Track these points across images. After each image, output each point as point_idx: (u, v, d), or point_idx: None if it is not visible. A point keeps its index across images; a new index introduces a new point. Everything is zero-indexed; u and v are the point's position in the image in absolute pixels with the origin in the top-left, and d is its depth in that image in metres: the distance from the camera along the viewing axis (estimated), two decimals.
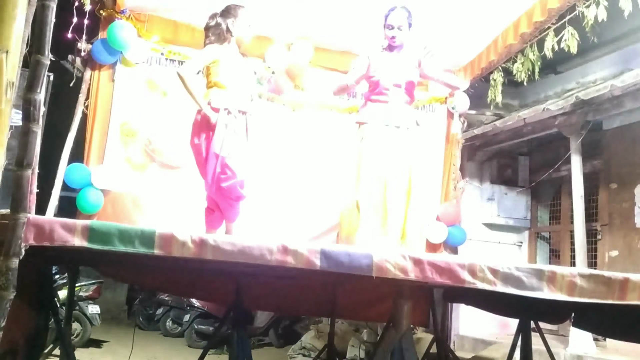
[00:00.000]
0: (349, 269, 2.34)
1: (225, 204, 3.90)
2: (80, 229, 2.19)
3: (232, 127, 3.79)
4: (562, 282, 2.48)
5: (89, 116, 5.56)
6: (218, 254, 2.21)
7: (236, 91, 3.87)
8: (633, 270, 5.51)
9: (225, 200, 3.87)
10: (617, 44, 6.10)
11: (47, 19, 2.09)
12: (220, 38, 3.94)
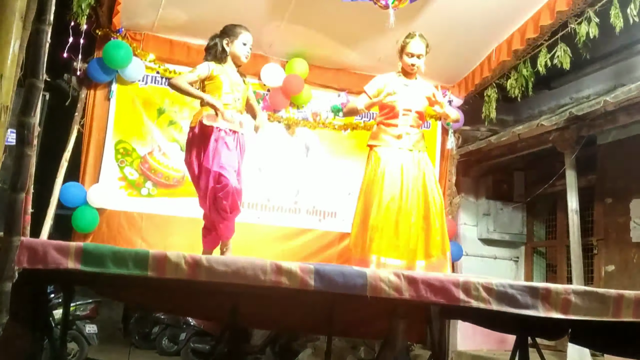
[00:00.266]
0: (343, 288, 2.34)
1: (220, 219, 3.88)
2: (73, 251, 2.18)
3: (224, 143, 3.79)
4: (556, 299, 2.49)
5: (84, 135, 5.58)
6: (212, 275, 2.21)
7: (230, 109, 3.88)
8: (630, 285, 5.52)
9: (220, 215, 3.85)
10: (610, 60, 6.15)
11: (41, 42, 2.11)
12: (216, 58, 3.97)
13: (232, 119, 3.88)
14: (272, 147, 6.14)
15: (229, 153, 3.81)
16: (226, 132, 3.85)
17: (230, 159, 3.80)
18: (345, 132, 6.40)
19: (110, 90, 5.65)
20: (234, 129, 3.90)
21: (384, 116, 4.20)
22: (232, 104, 3.91)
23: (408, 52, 4.14)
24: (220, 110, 3.77)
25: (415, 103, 4.16)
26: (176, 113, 5.81)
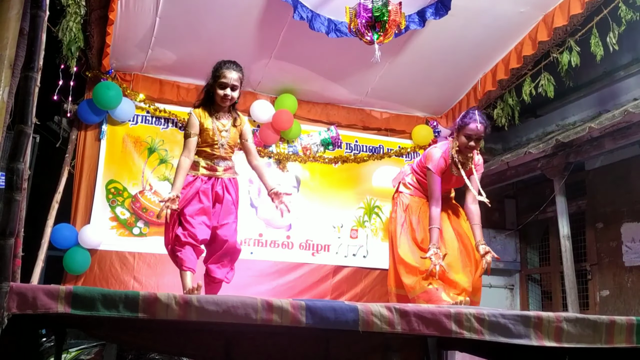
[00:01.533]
0: (335, 324, 2.33)
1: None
2: (63, 295, 2.17)
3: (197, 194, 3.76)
4: (548, 327, 2.49)
5: (75, 176, 5.59)
6: (202, 315, 2.20)
7: (213, 161, 3.88)
8: (625, 310, 5.52)
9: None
10: (593, 87, 6.25)
11: (30, 89, 2.14)
12: (206, 101, 3.88)
13: (214, 166, 3.85)
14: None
15: (200, 206, 3.73)
16: (205, 182, 3.80)
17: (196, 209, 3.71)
18: (336, 165, 6.44)
19: (101, 130, 5.68)
20: (218, 175, 3.86)
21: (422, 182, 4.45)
22: (215, 152, 3.84)
23: (466, 133, 4.19)
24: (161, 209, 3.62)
25: (457, 182, 4.41)
26: (167, 152, 5.84)
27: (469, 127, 4.17)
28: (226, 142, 3.85)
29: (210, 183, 3.84)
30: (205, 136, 3.80)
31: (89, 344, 6.94)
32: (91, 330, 3.80)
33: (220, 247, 3.81)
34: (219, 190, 3.83)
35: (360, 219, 6.40)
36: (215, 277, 3.86)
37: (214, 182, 3.85)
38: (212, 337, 3.65)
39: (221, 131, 3.82)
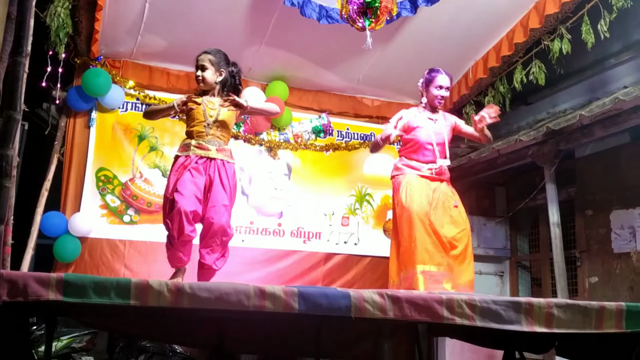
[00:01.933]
0: (327, 310, 2.33)
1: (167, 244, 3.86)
2: (54, 282, 2.16)
3: (189, 170, 3.76)
4: (539, 313, 2.51)
5: (65, 163, 5.55)
6: (195, 302, 2.19)
7: (205, 139, 3.87)
8: (613, 296, 5.57)
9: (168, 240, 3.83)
10: (584, 75, 6.26)
11: (18, 75, 2.11)
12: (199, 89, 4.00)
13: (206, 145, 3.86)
14: (254, 170, 6.15)
15: (190, 179, 3.74)
16: (197, 162, 3.81)
17: (189, 184, 3.73)
18: (328, 153, 6.43)
19: (90, 118, 5.63)
20: (209, 156, 3.85)
21: (408, 150, 4.28)
22: (205, 131, 3.87)
23: (437, 85, 4.27)
24: (175, 105, 3.84)
25: (441, 135, 4.26)
26: (157, 139, 5.81)
27: (438, 78, 4.28)
28: (215, 121, 3.89)
29: (202, 164, 3.82)
30: (194, 114, 3.87)
31: (80, 332, 6.92)
32: (82, 318, 3.80)
33: (208, 230, 3.79)
34: (211, 174, 3.82)
35: (352, 207, 6.41)
36: (204, 263, 3.84)
37: (207, 164, 3.83)
38: (203, 324, 3.65)
39: (210, 109, 3.89)
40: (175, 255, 3.84)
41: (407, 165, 4.21)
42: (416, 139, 4.20)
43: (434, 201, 4.13)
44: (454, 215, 4.17)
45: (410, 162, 4.22)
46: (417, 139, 4.20)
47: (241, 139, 6.15)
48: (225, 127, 3.97)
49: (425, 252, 3.95)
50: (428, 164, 4.20)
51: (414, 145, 4.23)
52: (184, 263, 3.88)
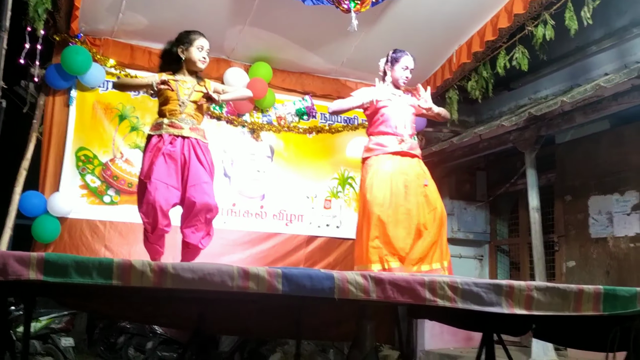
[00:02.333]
0: (311, 291, 2.34)
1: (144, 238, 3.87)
2: (35, 262, 2.13)
3: (162, 154, 3.72)
4: (519, 296, 2.54)
5: (43, 142, 5.46)
6: (178, 282, 2.18)
7: (178, 117, 3.83)
8: (589, 280, 5.68)
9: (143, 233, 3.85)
10: (566, 61, 6.32)
11: None
12: (171, 66, 3.93)
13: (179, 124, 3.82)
14: (237, 152, 6.12)
15: (164, 165, 3.71)
16: (171, 142, 3.77)
17: (163, 172, 3.69)
18: (311, 136, 6.42)
19: (70, 96, 5.54)
20: (182, 134, 3.81)
21: (376, 125, 4.23)
22: (179, 109, 3.82)
23: (403, 65, 4.26)
24: (154, 83, 3.79)
25: (406, 111, 4.23)
26: (138, 119, 5.74)
27: (404, 59, 4.27)
28: (189, 100, 3.86)
29: (177, 145, 3.78)
30: (168, 92, 3.83)
31: (59, 312, 6.89)
32: (62, 299, 3.77)
33: (190, 209, 3.76)
34: (185, 153, 3.78)
35: (334, 190, 6.42)
36: (189, 242, 3.82)
37: (182, 144, 3.79)
38: (185, 306, 3.65)
39: (184, 88, 3.86)
40: (152, 248, 3.84)
41: (377, 144, 4.15)
42: (382, 113, 4.18)
43: (405, 186, 4.07)
44: (428, 194, 4.14)
45: (379, 140, 4.16)
46: (383, 113, 4.17)
47: (223, 120, 6.11)
48: (199, 107, 3.94)
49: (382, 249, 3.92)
50: (397, 137, 4.14)
51: (381, 119, 4.19)
52: (161, 254, 3.89)
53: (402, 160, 4.12)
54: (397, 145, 4.11)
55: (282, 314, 4.35)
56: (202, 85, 3.94)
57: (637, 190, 5.55)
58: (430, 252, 4.06)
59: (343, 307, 4.06)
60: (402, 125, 4.16)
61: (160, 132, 3.79)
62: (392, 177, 4.04)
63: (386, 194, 3.99)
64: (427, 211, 4.10)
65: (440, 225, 4.11)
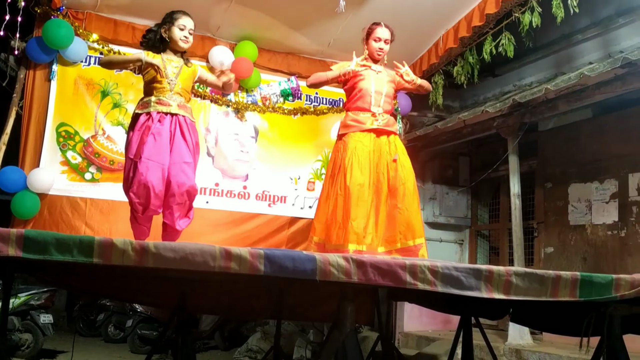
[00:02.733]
0: (293, 273, 2.34)
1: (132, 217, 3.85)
2: (14, 238, 2.10)
3: (151, 133, 3.70)
4: (498, 281, 2.57)
5: (23, 117, 5.37)
6: (159, 261, 2.17)
7: (166, 95, 3.80)
8: (567, 266, 5.78)
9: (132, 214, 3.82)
10: (551, 49, 6.36)
11: None
12: (154, 47, 3.90)
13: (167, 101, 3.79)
14: (221, 131, 6.08)
15: (154, 145, 3.68)
16: (160, 120, 3.74)
17: (153, 150, 3.66)
18: (295, 117, 6.39)
19: (51, 70, 5.43)
20: (170, 111, 3.78)
21: (353, 101, 4.20)
22: (168, 87, 3.81)
23: (376, 37, 4.20)
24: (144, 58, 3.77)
25: (384, 86, 4.18)
26: (121, 96, 5.66)
27: (377, 31, 4.22)
28: (177, 78, 3.84)
29: (165, 123, 3.75)
30: (155, 71, 3.80)
31: (38, 289, 6.86)
32: (41, 276, 3.74)
33: (167, 188, 3.74)
34: (172, 130, 3.76)
35: (318, 172, 6.42)
36: (166, 223, 3.81)
37: (170, 121, 3.77)
38: (166, 285, 3.64)
39: (171, 67, 3.85)
40: (140, 229, 3.81)
41: (353, 120, 4.12)
42: (359, 87, 4.15)
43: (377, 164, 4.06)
44: (398, 170, 4.11)
45: (355, 116, 4.13)
46: (360, 87, 4.15)
47: (208, 99, 6.05)
48: (186, 86, 3.94)
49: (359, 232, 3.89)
50: (372, 114, 4.11)
51: (358, 94, 4.16)
52: (147, 235, 3.86)
53: (377, 139, 4.11)
54: (374, 122, 4.10)
55: (263, 294, 4.37)
56: (190, 67, 3.96)
57: (616, 179, 5.64)
58: (399, 230, 4.05)
59: (324, 289, 4.09)
60: (379, 101, 4.14)
61: (149, 109, 3.76)
62: (368, 156, 4.04)
63: (365, 174, 3.99)
64: (396, 187, 4.08)
65: (410, 202, 4.07)
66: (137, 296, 4.58)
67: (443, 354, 5.51)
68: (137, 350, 7.78)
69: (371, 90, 4.13)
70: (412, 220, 4.05)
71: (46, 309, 7.01)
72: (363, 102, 4.14)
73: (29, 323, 6.80)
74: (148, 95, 3.83)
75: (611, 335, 2.86)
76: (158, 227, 3.94)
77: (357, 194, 3.95)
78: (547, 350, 5.11)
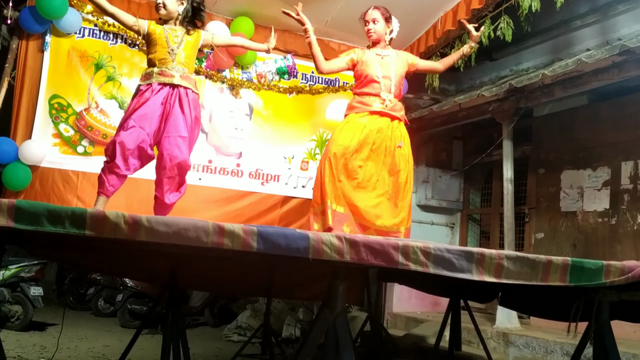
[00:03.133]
0: (285, 250, 2.34)
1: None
2: (6, 208, 2.08)
3: (146, 99, 3.67)
4: (490, 264, 2.57)
5: (16, 88, 5.31)
6: (152, 235, 2.16)
7: (168, 65, 3.76)
8: (556, 252, 5.82)
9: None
10: (549, 34, 6.33)
11: None
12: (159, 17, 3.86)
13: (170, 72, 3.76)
14: (215, 108, 6.04)
15: (142, 110, 3.65)
16: (158, 91, 3.70)
17: (138, 115, 3.64)
18: (291, 96, 6.35)
19: (44, 41, 5.36)
20: (173, 82, 3.74)
21: (361, 86, 4.19)
22: (169, 58, 3.76)
23: (364, 19, 4.21)
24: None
25: (391, 71, 4.16)
26: (115, 69, 5.60)
27: (365, 14, 4.24)
28: (179, 48, 3.79)
29: (164, 93, 3.71)
30: (157, 40, 3.76)
31: (29, 261, 6.85)
32: (32, 248, 3.72)
33: (159, 161, 3.73)
34: (171, 102, 3.71)
35: (312, 152, 6.40)
36: (157, 196, 3.80)
37: (170, 92, 3.73)
38: (157, 260, 3.64)
39: (173, 37, 3.79)
40: (102, 178, 3.70)
41: (359, 102, 4.15)
42: (365, 74, 4.14)
43: (374, 144, 4.05)
44: (395, 156, 4.12)
45: (361, 99, 4.15)
46: (366, 73, 4.14)
47: (203, 74, 5.99)
48: (189, 55, 3.87)
49: (332, 192, 3.92)
50: (377, 97, 4.11)
51: (364, 80, 4.16)
52: (108, 193, 3.72)
53: (381, 120, 4.10)
54: (380, 105, 4.09)
55: (254, 272, 4.38)
56: (192, 34, 3.87)
57: (609, 167, 5.66)
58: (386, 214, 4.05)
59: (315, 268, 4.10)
60: (388, 86, 4.13)
61: (150, 81, 3.72)
62: (364, 129, 4.03)
63: (353, 140, 3.99)
64: (392, 172, 4.09)
65: (400, 188, 4.10)
66: (128, 271, 4.59)
67: (431, 335, 5.56)
68: (127, 325, 7.81)
69: (378, 76, 4.12)
70: (404, 207, 4.09)
71: (36, 282, 7.01)
72: (370, 87, 4.14)
73: (19, 295, 6.80)
74: (150, 66, 3.79)
75: (599, 321, 2.88)
76: (150, 202, 3.92)
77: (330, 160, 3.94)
78: (534, 335, 5.16)
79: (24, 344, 5.94)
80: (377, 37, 4.21)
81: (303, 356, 2.84)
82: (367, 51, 4.23)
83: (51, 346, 5.56)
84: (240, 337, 7.17)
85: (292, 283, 4.81)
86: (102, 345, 6.21)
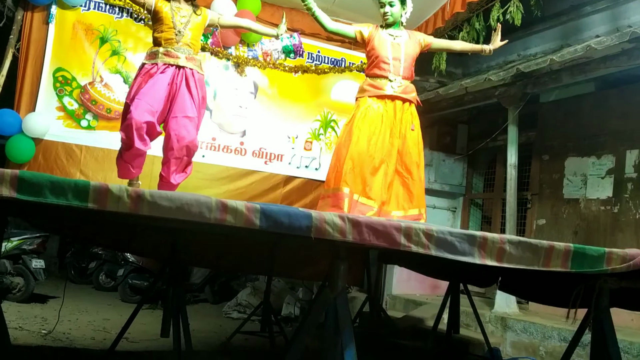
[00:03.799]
0: (288, 229, 2.34)
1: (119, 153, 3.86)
2: (8, 179, 2.07)
3: (152, 79, 3.67)
4: (492, 248, 2.58)
5: (20, 59, 5.29)
6: (155, 210, 2.15)
7: (174, 46, 3.73)
8: (558, 238, 5.81)
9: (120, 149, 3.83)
10: (559, 20, 6.25)
11: None
12: None
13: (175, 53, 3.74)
14: (220, 85, 6.01)
15: (152, 88, 3.65)
16: (163, 71, 3.70)
17: (149, 95, 3.64)
18: (296, 75, 6.31)
19: (50, 13, 5.32)
20: (178, 64, 3.73)
21: (371, 67, 4.15)
22: (175, 38, 3.74)
23: (379, 2, 4.14)
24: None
25: (402, 52, 4.12)
26: (120, 43, 5.56)
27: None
28: (186, 28, 3.78)
29: (170, 73, 3.70)
30: (163, 19, 3.75)
31: (31, 234, 6.87)
32: (34, 220, 3.74)
33: (167, 142, 3.74)
34: (177, 82, 3.71)
35: (316, 132, 6.38)
36: (162, 175, 3.81)
37: (175, 73, 3.72)
38: (158, 235, 3.65)
39: (179, 16, 3.78)
40: (123, 166, 3.79)
41: (370, 85, 4.10)
42: (376, 54, 4.10)
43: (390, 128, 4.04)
44: (408, 139, 4.11)
45: (373, 82, 4.10)
46: (377, 54, 4.10)
47: (208, 51, 5.95)
48: (195, 36, 3.85)
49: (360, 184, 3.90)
50: (387, 80, 4.07)
51: (375, 60, 4.12)
52: (133, 175, 3.84)
53: (393, 104, 4.08)
54: (390, 89, 4.06)
55: (256, 250, 4.40)
56: (199, 14, 3.87)
57: (614, 155, 5.63)
58: (400, 197, 4.05)
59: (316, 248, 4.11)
60: (398, 68, 4.09)
61: (156, 61, 3.71)
62: (381, 118, 4.01)
63: (372, 133, 3.98)
64: (403, 155, 4.08)
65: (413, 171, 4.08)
66: (130, 245, 4.61)
67: (430, 317, 5.59)
68: (128, 300, 7.85)
69: (388, 58, 4.08)
70: (416, 189, 4.08)
71: (38, 254, 7.04)
72: (380, 68, 4.10)
73: (21, 267, 6.84)
74: (156, 45, 3.78)
75: (599, 308, 2.90)
76: (154, 179, 3.93)
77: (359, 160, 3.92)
78: (532, 320, 5.18)
79: (25, 315, 5.99)
80: (394, 20, 4.17)
81: (303, 334, 2.86)
82: (381, 31, 4.17)
83: (52, 318, 5.59)
84: (239, 314, 7.22)
85: (293, 262, 4.83)
86: (102, 319, 6.25)
